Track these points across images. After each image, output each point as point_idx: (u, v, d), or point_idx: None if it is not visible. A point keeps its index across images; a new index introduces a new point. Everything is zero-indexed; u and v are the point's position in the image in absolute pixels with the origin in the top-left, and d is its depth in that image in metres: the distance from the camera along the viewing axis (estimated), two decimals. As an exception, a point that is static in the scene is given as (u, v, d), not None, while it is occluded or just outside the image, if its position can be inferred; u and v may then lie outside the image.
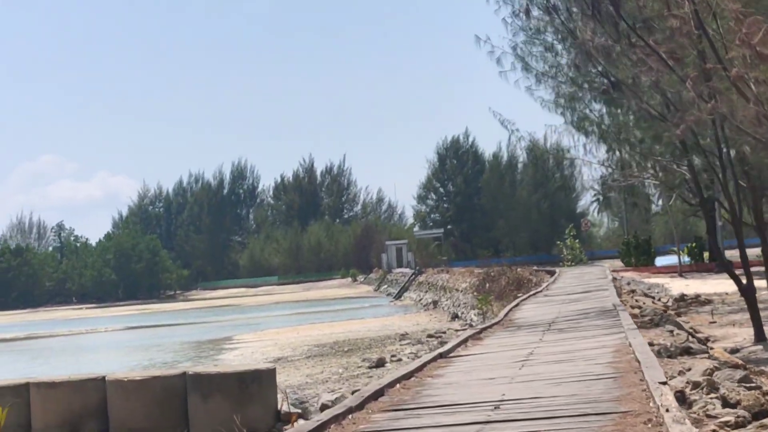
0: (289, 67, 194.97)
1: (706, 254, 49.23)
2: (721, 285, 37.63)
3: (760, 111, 14.41)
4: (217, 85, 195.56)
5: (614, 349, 12.14)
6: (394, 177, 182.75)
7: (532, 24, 37.55)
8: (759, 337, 18.69)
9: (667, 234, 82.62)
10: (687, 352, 13.48)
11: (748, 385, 10.24)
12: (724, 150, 18.95)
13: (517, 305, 24.78)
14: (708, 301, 30.72)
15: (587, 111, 44.24)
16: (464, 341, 15.54)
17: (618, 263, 74.70)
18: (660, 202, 79.02)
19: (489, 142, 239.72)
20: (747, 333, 20.19)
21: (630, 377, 9.59)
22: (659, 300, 30.51)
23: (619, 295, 26.57)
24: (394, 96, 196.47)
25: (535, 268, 50.47)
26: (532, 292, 30.20)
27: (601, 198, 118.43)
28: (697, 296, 31.93)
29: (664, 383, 8.48)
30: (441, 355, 13.45)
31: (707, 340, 19.21)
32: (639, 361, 10.20)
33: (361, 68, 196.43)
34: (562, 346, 13.38)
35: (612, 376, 9.84)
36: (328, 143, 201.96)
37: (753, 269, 43.06)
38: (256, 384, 12.25)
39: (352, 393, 11.93)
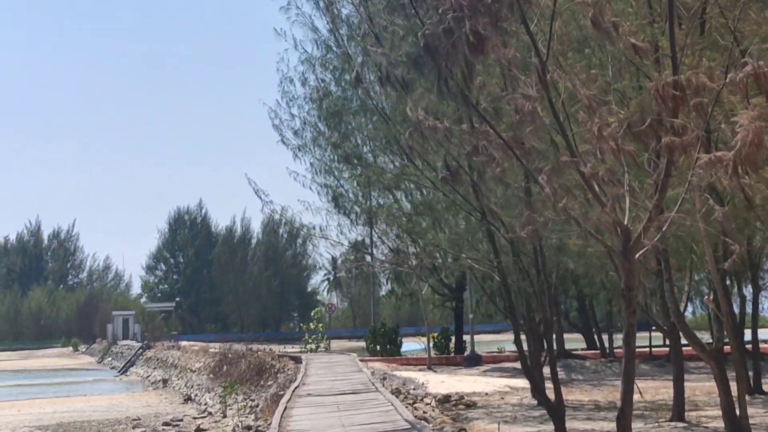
0: (17, 130, 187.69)
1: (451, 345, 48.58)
2: (477, 383, 36.31)
3: (615, 219, 12.58)
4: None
5: None
6: (122, 246, 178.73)
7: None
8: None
9: (395, 318, 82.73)
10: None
11: None
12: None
13: (285, 409, 21.82)
14: (472, 404, 28.94)
15: (342, 190, 42.91)
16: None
17: (347, 344, 73.71)
18: (389, 286, 79.12)
19: (223, 216, 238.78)
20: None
21: None
22: (422, 400, 28.54)
23: (397, 396, 24.27)
24: (127, 163, 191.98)
25: (277, 352, 47.89)
26: (291, 388, 27.31)
27: (331, 278, 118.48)
28: (461, 397, 30.14)
29: None
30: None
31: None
32: None
33: (95, 135, 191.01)
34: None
35: None
36: (57, 207, 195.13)
37: (504, 365, 42.47)
38: None
39: None
